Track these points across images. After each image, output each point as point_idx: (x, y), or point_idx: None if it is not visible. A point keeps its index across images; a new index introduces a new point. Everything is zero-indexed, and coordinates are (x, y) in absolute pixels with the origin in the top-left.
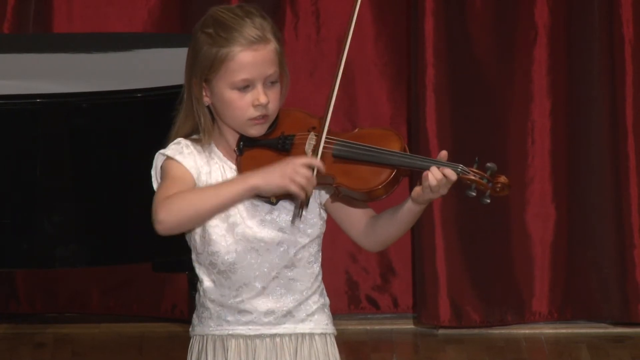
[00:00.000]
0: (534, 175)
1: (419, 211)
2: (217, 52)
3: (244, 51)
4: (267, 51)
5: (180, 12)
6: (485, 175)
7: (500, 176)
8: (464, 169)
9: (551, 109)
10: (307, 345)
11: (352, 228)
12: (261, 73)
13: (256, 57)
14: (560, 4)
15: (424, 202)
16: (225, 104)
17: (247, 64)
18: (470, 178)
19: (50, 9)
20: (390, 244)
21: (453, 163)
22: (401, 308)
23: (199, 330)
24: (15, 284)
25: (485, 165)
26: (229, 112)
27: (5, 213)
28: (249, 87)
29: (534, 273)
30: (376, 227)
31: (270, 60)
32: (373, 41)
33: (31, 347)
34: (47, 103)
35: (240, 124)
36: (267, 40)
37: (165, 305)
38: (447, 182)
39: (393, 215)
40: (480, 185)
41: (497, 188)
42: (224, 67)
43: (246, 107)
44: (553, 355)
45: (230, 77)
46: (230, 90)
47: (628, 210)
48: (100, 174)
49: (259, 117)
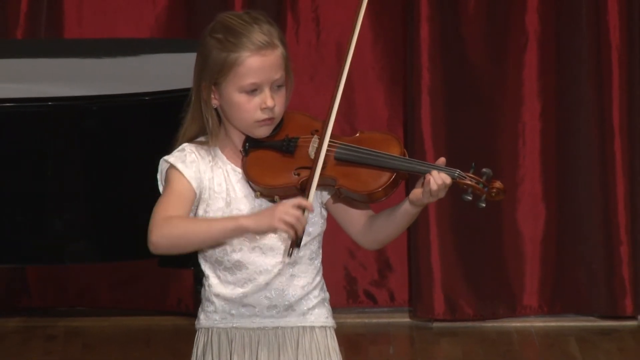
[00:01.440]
0: (524, 174)
1: (415, 213)
2: (227, 56)
3: (252, 56)
4: (275, 56)
5: (186, 19)
6: (481, 180)
7: (495, 181)
8: (460, 174)
9: (541, 112)
10: (308, 337)
11: (351, 227)
12: (268, 77)
13: (264, 62)
14: (549, 11)
15: (421, 205)
16: (233, 107)
17: (255, 69)
18: (466, 183)
19: (61, 15)
20: (387, 243)
21: (450, 168)
22: (397, 302)
23: (205, 323)
24: (28, 279)
25: (482, 171)
26: (237, 114)
27: (18, 211)
28: (257, 91)
29: (525, 269)
30: (374, 226)
31: (277, 65)
32: (371, 46)
33: (43, 340)
34: (59, 105)
35: (248, 125)
36: (275, 45)
37: (170, 299)
38: (445, 187)
39: (390, 216)
40: (477, 190)
41: (492, 193)
42: (233, 71)
43: (254, 110)
44: (543, 348)
45: (239, 81)
46: (238, 93)
47: (615, 209)
48: (109, 174)
49: (265, 120)
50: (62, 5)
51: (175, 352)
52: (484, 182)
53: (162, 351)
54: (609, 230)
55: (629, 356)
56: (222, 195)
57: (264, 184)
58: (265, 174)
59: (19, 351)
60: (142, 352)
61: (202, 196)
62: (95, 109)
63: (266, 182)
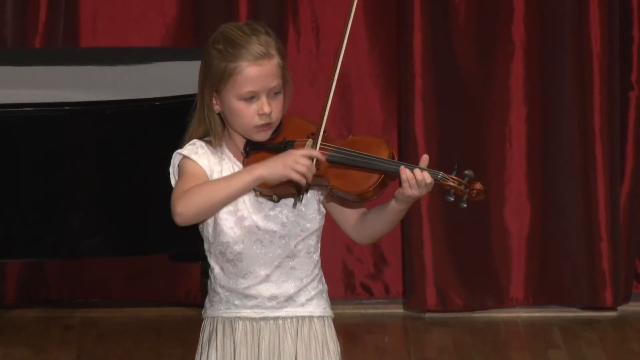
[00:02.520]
0: (511, 175)
1: (402, 210)
2: (226, 66)
3: (249, 66)
4: (271, 66)
5: (194, 29)
6: (463, 181)
7: (476, 183)
8: (443, 176)
9: (527, 116)
10: (307, 327)
11: (345, 223)
12: (265, 86)
13: (260, 71)
14: (535, 23)
15: (405, 201)
16: (233, 113)
17: (252, 78)
18: (449, 184)
19: (77, 26)
20: (379, 238)
21: (434, 170)
22: (392, 294)
23: (210, 312)
24: (46, 273)
25: (464, 173)
26: (237, 120)
27: (37, 209)
28: (254, 98)
29: (511, 263)
30: (365, 223)
31: (274, 73)
32: (367, 54)
33: (60, 329)
34: (75, 110)
35: (247, 130)
36: (271, 55)
37: (180, 291)
38: (426, 185)
39: (379, 213)
40: (458, 191)
41: (473, 193)
42: (232, 80)
43: (251, 116)
44: (528, 337)
45: (237, 89)
46: (237, 100)
47: (596, 207)
48: (122, 174)
49: (263, 125)
50: (78, 17)
51: (184, 340)
52: (465, 183)
53: (171, 340)
54: (590, 227)
55: (609, 345)
56: None
57: (263, 184)
58: None
59: (38, 340)
60: (153, 340)
61: None
62: (109, 113)
63: (265, 182)
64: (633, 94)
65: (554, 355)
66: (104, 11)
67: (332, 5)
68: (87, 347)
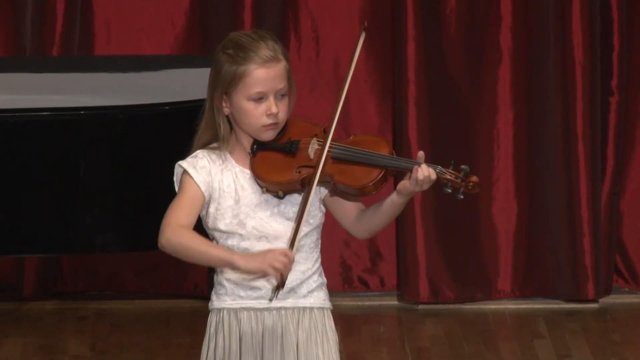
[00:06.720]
0: (499, 175)
1: (402, 203)
2: (237, 69)
3: (258, 69)
4: (279, 69)
5: (202, 38)
6: (460, 175)
7: (472, 176)
8: (441, 170)
9: (514, 119)
10: (307, 317)
11: (344, 218)
12: (273, 87)
13: (269, 73)
14: (521, 31)
15: (406, 195)
16: (242, 113)
17: (261, 80)
18: (446, 177)
19: (92, 35)
20: (376, 233)
21: (433, 165)
22: (387, 287)
23: (217, 304)
24: (62, 267)
25: (460, 167)
26: (246, 120)
27: (54, 207)
28: (263, 99)
29: (499, 257)
30: (364, 217)
31: (281, 76)
32: (364, 62)
33: (75, 320)
34: (90, 114)
35: (255, 129)
36: (279, 59)
37: (188, 284)
38: (429, 180)
39: (378, 208)
40: (455, 184)
41: (469, 186)
42: (242, 81)
43: (260, 116)
44: (515, 327)
45: (247, 90)
46: (247, 101)
47: (578, 205)
48: (134, 173)
49: (270, 124)
50: (93, 26)
51: (192, 331)
52: (462, 176)
53: (180, 330)
54: (574, 223)
55: (591, 335)
56: (232, 194)
57: (269, 180)
58: (271, 172)
59: (54, 330)
60: (163, 331)
61: (212, 196)
62: (121, 117)
63: (272, 179)
64: (613, 99)
65: (539, 344)
66: (117, 22)
67: (330, 16)
68: (101, 336)
